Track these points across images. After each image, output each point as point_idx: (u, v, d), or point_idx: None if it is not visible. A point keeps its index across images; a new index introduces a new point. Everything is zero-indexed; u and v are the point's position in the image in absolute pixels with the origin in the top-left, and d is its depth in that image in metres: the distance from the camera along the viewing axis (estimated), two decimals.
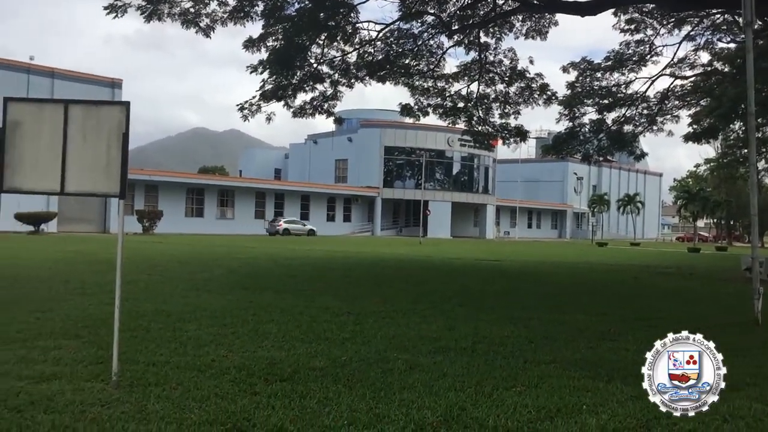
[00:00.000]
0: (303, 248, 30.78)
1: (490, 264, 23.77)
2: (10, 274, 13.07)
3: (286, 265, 19.59)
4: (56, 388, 4.98)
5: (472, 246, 45.05)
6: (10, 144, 5.54)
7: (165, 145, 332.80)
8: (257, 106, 18.92)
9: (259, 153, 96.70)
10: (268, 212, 60.50)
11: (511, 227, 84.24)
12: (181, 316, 8.55)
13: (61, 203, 41.61)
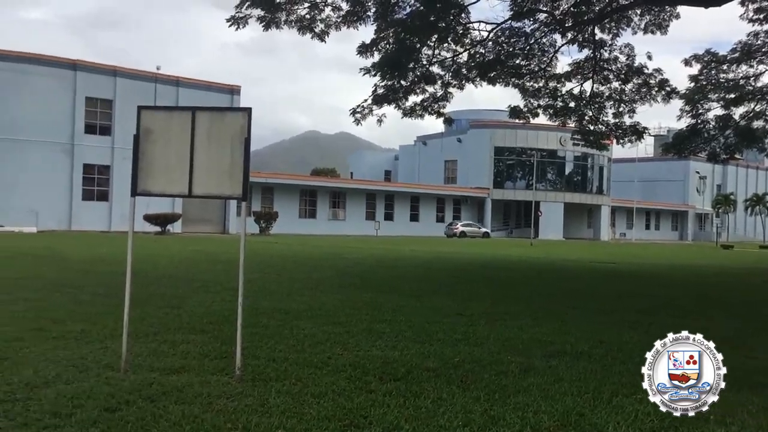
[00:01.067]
0: (410, 249, 30.96)
1: (605, 266, 23.02)
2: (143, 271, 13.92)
3: (396, 266, 19.78)
4: (185, 380, 5.27)
5: (586, 248, 43.79)
6: (142, 150, 5.91)
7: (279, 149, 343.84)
8: (369, 109, 19.21)
9: (368, 155, 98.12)
10: (378, 213, 61.26)
11: (627, 228, 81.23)
12: (298, 314, 8.81)
13: (185, 205, 43.87)
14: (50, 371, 5.40)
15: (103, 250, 21.35)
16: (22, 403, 4.56)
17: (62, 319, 7.78)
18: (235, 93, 49.21)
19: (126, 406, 4.55)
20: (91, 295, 10.07)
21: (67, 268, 14.78)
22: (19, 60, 40.37)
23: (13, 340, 6.52)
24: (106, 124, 43.36)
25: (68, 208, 41.64)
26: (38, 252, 19.28)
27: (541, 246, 44.61)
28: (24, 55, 40.90)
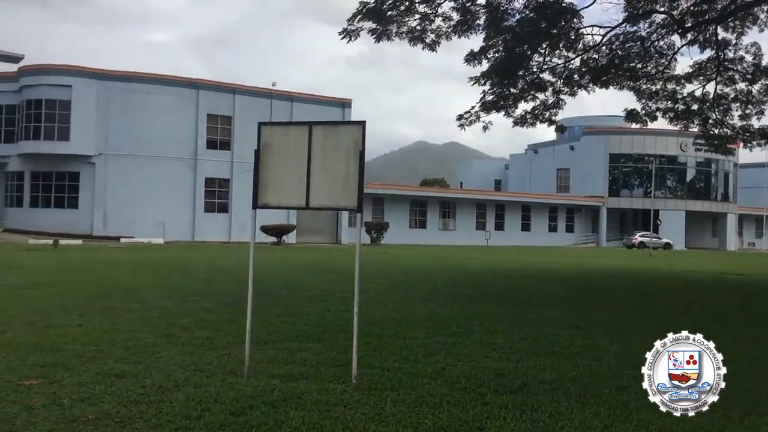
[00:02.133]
0: (522, 259, 30.44)
1: (733, 278, 21.72)
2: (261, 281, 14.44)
3: (508, 276, 19.52)
4: (303, 387, 5.42)
5: (710, 258, 41.52)
6: (262, 164, 6.16)
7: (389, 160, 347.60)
8: (476, 116, 19.11)
9: (477, 164, 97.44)
10: (488, 223, 60.68)
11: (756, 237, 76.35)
12: (410, 324, 8.87)
13: (299, 216, 45.16)
14: (179, 375, 5.71)
15: (224, 261, 22.32)
16: (155, 405, 4.84)
17: (189, 326, 8.20)
18: (346, 106, 50.25)
19: (250, 410, 4.74)
20: (215, 304, 10.56)
21: (193, 277, 15.56)
22: (147, 81, 43.07)
23: (147, 345, 6.93)
24: (225, 139, 45.40)
25: (191, 220, 43.85)
26: (166, 262, 20.41)
27: (661, 256, 42.67)
28: (151, 76, 43.61)
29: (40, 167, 41.95)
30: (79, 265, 17.94)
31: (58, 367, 5.88)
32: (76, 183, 42.04)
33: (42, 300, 10.41)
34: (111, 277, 14.68)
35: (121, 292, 11.71)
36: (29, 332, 7.53)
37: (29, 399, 4.89)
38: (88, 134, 41.31)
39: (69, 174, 42.02)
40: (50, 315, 8.87)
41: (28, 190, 42.55)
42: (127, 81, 42.61)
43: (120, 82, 42.38)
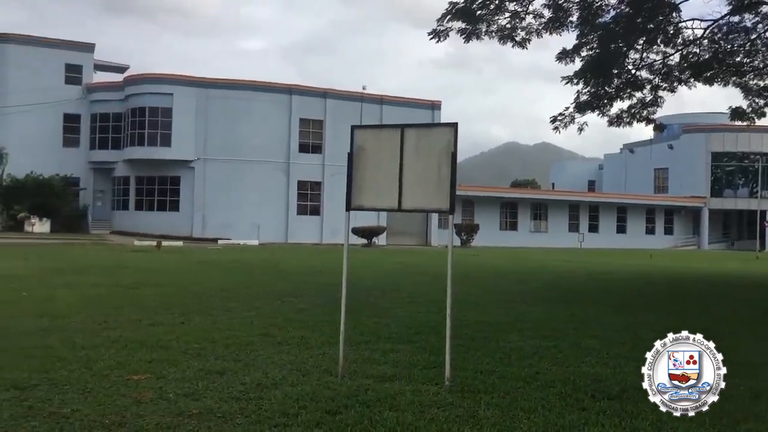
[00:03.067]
0: (618, 261, 29.52)
1: None
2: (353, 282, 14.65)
3: (603, 279, 18.99)
4: (397, 388, 5.46)
5: None
6: (356, 167, 6.25)
7: (479, 161, 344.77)
8: (570, 117, 18.68)
9: (570, 165, 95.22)
10: (582, 225, 59.20)
11: None
12: (503, 327, 8.78)
13: (389, 218, 45.48)
14: (277, 374, 5.87)
15: (317, 262, 22.75)
16: (254, 402, 5.00)
17: (285, 326, 8.41)
18: (435, 108, 50.23)
19: (345, 410, 4.82)
20: (309, 304, 10.78)
21: (286, 278, 15.95)
22: (244, 88, 44.50)
23: (245, 344, 7.16)
24: (317, 143, 46.29)
25: (285, 222, 44.94)
26: (261, 263, 21.00)
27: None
28: (247, 83, 45.02)
29: (144, 172, 44.05)
30: (181, 266, 18.71)
31: (163, 363, 6.16)
32: (177, 187, 43.91)
33: (147, 299, 10.92)
34: (210, 278, 15.24)
35: (220, 292, 12.13)
36: (136, 330, 7.92)
37: (138, 393, 5.15)
38: (187, 140, 43.06)
39: (170, 178, 43.94)
40: (155, 313, 9.30)
41: (133, 194, 44.77)
42: (225, 88, 44.15)
43: (218, 89, 43.96)
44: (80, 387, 5.28)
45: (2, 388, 5.19)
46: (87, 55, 48.10)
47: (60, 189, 43.59)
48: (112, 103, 45.50)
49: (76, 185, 46.26)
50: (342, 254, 6.35)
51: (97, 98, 46.46)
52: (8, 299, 10.34)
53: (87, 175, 47.16)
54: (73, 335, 7.41)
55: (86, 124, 46.92)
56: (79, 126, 47.02)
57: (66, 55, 46.94)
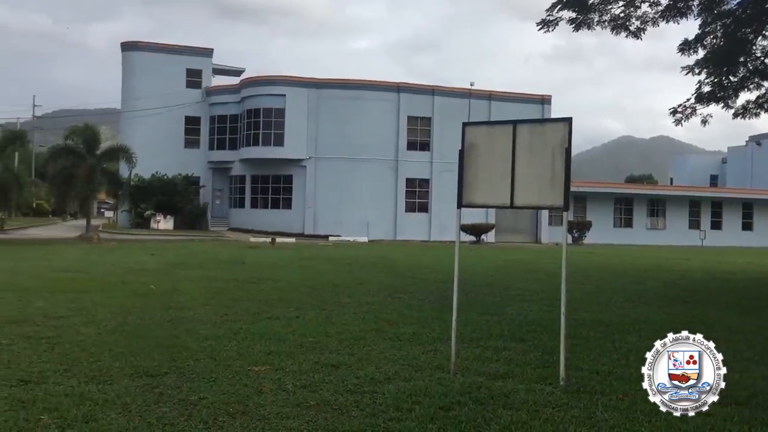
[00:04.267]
0: (744, 260, 27.83)
1: None
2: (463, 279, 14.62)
3: (727, 279, 17.98)
4: (510, 386, 5.42)
5: None
6: (467, 164, 6.23)
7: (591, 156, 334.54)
8: (692, 108, 17.80)
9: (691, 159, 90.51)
10: (703, 222, 56.22)
11: None
12: (620, 327, 8.51)
13: (498, 215, 44.95)
14: (389, 368, 5.96)
15: (425, 259, 22.83)
16: (369, 395, 5.10)
17: (396, 322, 8.52)
18: (545, 102, 49.12)
19: (458, 406, 4.83)
20: (419, 301, 10.86)
21: (397, 275, 16.10)
22: (353, 87, 45.22)
23: (358, 339, 7.31)
24: (425, 140, 46.36)
25: (393, 220, 45.32)
26: (371, 260, 21.31)
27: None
28: (357, 82, 45.69)
29: (258, 171, 45.66)
30: (294, 262, 19.28)
31: (281, 355, 6.38)
32: (289, 185, 45.23)
33: (264, 293, 11.34)
34: (323, 273, 15.62)
35: (333, 288, 12.42)
36: (255, 322, 8.25)
37: (258, 383, 5.37)
38: (300, 139, 44.25)
39: (283, 177, 45.30)
40: (271, 307, 9.65)
41: (248, 193, 46.50)
42: (334, 88, 45.03)
43: (328, 89, 44.90)
44: (206, 376, 5.57)
45: (136, 375, 5.56)
46: (206, 60, 50.37)
47: (182, 188, 45.94)
48: (229, 105, 47.44)
49: (197, 184, 48.56)
50: (451, 251, 6.37)
51: (216, 101, 48.57)
52: (140, 292, 11.03)
53: (206, 174, 49.42)
54: (197, 326, 7.82)
55: (206, 125, 49.17)
56: (200, 128, 49.35)
57: (187, 60, 49.36)
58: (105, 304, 9.53)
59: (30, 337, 6.97)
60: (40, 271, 14.32)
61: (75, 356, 6.15)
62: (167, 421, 4.43)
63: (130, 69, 48.69)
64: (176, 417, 4.52)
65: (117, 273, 14.33)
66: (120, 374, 5.56)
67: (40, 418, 4.38)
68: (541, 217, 47.64)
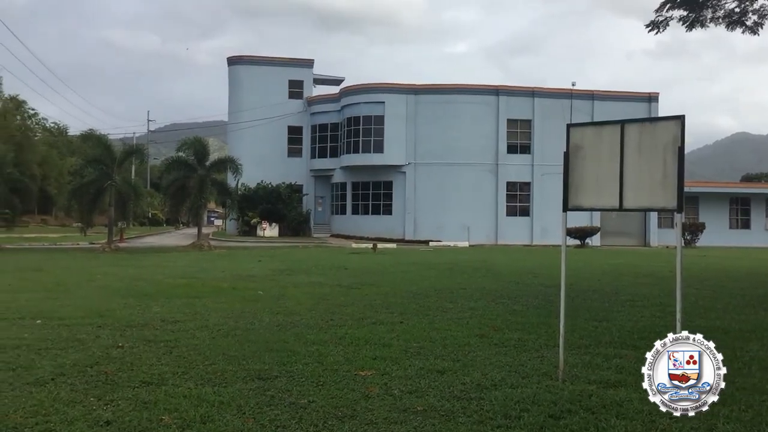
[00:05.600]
0: None
1: None
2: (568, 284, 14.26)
3: None
4: (623, 395, 5.24)
5: None
6: (572, 166, 6.08)
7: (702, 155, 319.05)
8: None
9: None
10: None
11: None
12: (740, 335, 8.06)
13: (603, 218, 43.60)
14: (496, 375, 5.88)
15: (528, 263, 22.42)
16: (475, 402, 5.06)
17: (500, 328, 8.41)
18: (653, 100, 47.28)
19: (568, 415, 4.71)
20: (524, 306, 10.68)
21: (499, 279, 15.91)
22: (451, 92, 45.14)
23: (462, 344, 7.27)
24: (525, 143, 45.63)
25: (494, 224, 44.83)
26: (473, 264, 21.14)
27: None
28: (455, 87, 45.58)
29: (359, 178, 46.31)
30: (396, 267, 19.41)
31: (387, 360, 6.43)
32: (389, 191, 45.62)
33: (367, 298, 11.47)
34: (425, 278, 15.64)
35: (435, 293, 12.41)
36: (359, 327, 8.36)
37: (365, 388, 5.44)
38: (399, 145, 44.57)
39: (384, 183, 45.75)
40: (375, 312, 9.74)
41: (349, 199, 47.25)
42: (432, 93, 45.09)
43: (426, 95, 45.02)
44: (314, 380, 5.69)
45: (248, 378, 5.75)
46: (307, 71, 51.64)
47: (286, 196, 47.23)
48: (330, 113, 48.42)
49: (300, 192, 49.83)
50: (554, 255, 6.23)
51: (317, 110, 49.69)
52: (249, 297, 11.41)
53: (309, 182, 50.61)
54: (304, 331, 8.00)
55: (307, 134, 50.40)
56: (301, 137, 50.66)
57: (289, 71, 50.79)
58: (217, 309, 9.92)
59: (150, 340, 7.35)
60: (157, 278, 15.07)
61: (191, 359, 6.43)
62: (279, 424, 4.55)
63: (236, 82, 50.60)
64: (288, 420, 4.64)
65: (227, 279, 14.88)
66: (233, 377, 5.76)
67: (162, 419, 4.60)
68: (650, 219, 45.89)
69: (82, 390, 5.31)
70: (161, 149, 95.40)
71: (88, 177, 29.89)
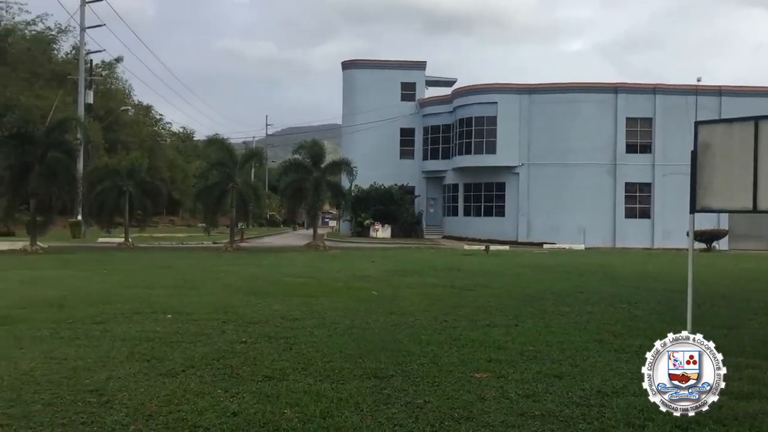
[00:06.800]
0: None
1: None
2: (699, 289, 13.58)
3: None
4: (757, 407, 4.94)
5: None
6: (701, 165, 5.80)
7: None
8: None
9: None
10: None
11: None
12: None
13: (731, 220, 41.18)
14: (617, 382, 5.70)
15: (648, 267, 21.53)
16: (596, 408, 4.92)
17: (620, 333, 8.13)
18: None
19: (697, 426, 4.47)
20: (645, 311, 10.27)
21: (618, 283, 15.37)
22: (566, 90, 43.98)
23: (581, 349, 7.08)
24: (646, 142, 43.80)
25: (612, 226, 43.30)
26: (589, 268, 20.53)
27: None
28: (570, 85, 44.37)
29: (471, 179, 46.05)
30: (509, 269, 19.15)
31: (502, 363, 6.37)
32: (502, 192, 45.06)
33: (481, 300, 11.39)
34: (539, 281, 15.34)
35: (551, 296, 12.15)
36: (474, 329, 8.32)
37: (481, 390, 5.41)
38: (512, 146, 43.95)
39: (496, 184, 45.25)
40: (490, 314, 9.67)
41: (461, 200, 47.07)
42: (546, 92, 44.15)
43: (540, 95, 44.15)
44: (429, 380, 5.72)
45: (365, 376, 5.85)
46: (419, 73, 51.91)
47: (398, 197, 47.68)
48: (442, 115, 48.44)
49: (412, 193, 50.14)
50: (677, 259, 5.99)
51: (429, 112, 49.84)
52: (363, 297, 11.61)
53: (420, 183, 50.85)
54: (419, 332, 8.06)
55: (419, 136, 50.65)
56: (413, 139, 50.97)
57: (401, 74, 51.26)
58: (333, 308, 10.16)
59: (271, 337, 7.63)
60: (276, 277, 15.62)
61: (310, 356, 6.62)
62: (396, 422, 4.61)
63: (350, 86, 51.62)
64: (404, 418, 4.69)
65: (342, 279, 15.20)
66: (351, 375, 5.88)
67: (284, 412, 4.77)
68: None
69: (210, 382, 5.59)
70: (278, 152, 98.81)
71: (212, 179, 31.37)
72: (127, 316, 9.00)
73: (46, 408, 4.82)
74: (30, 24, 57.58)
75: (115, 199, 30.89)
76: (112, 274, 15.95)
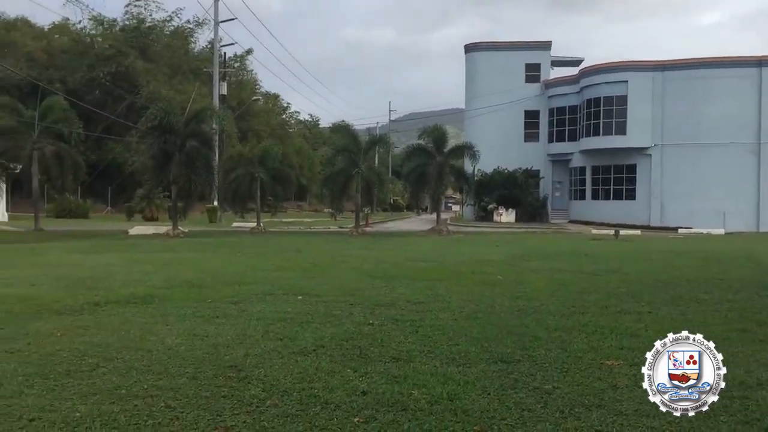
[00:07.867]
0: None
1: None
2: None
3: None
4: None
5: None
6: None
7: None
8: None
9: None
10: None
11: None
12: None
13: None
14: (762, 374, 5.37)
15: None
16: (738, 401, 4.67)
17: (766, 322, 7.62)
18: None
19: None
20: None
21: (763, 270, 14.42)
22: (702, 66, 41.36)
23: (722, 338, 6.67)
24: None
25: (755, 209, 40.50)
26: (731, 254, 19.33)
27: None
28: (708, 60, 41.67)
29: (598, 161, 44.46)
30: (640, 255, 18.38)
31: (635, 351, 6.14)
32: (632, 175, 43.22)
33: (610, 286, 11.01)
34: (674, 267, 14.62)
35: (686, 282, 11.56)
36: (604, 315, 8.07)
37: (612, 378, 5.26)
38: (644, 126, 41.99)
39: (626, 167, 43.45)
40: (620, 300, 9.33)
41: (589, 184, 45.59)
42: (682, 69, 41.74)
43: (674, 71, 41.83)
44: (558, 366, 5.62)
45: (491, 360, 5.83)
46: (544, 53, 50.61)
47: (522, 181, 46.88)
48: (568, 96, 47.02)
49: (537, 177, 49.13)
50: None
51: (554, 93, 48.53)
52: (488, 281, 11.54)
53: (546, 166, 49.71)
54: (546, 317, 7.91)
55: (544, 118, 49.45)
56: (538, 121, 49.85)
57: (526, 55, 50.19)
58: (457, 291, 10.16)
59: (397, 319, 7.74)
60: (399, 261, 15.81)
61: (435, 339, 6.67)
62: (524, 407, 4.57)
63: (473, 69, 51.14)
64: (533, 403, 4.64)
65: (465, 263, 15.16)
66: (477, 358, 5.88)
67: (412, 393, 4.84)
68: None
69: (339, 361, 5.77)
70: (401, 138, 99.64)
71: (338, 166, 32.16)
72: (260, 297, 9.42)
73: (191, 381, 5.15)
74: (167, 21, 61.27)
75: (247, 185, 32.40)
76: (246, 257, 16.74)
